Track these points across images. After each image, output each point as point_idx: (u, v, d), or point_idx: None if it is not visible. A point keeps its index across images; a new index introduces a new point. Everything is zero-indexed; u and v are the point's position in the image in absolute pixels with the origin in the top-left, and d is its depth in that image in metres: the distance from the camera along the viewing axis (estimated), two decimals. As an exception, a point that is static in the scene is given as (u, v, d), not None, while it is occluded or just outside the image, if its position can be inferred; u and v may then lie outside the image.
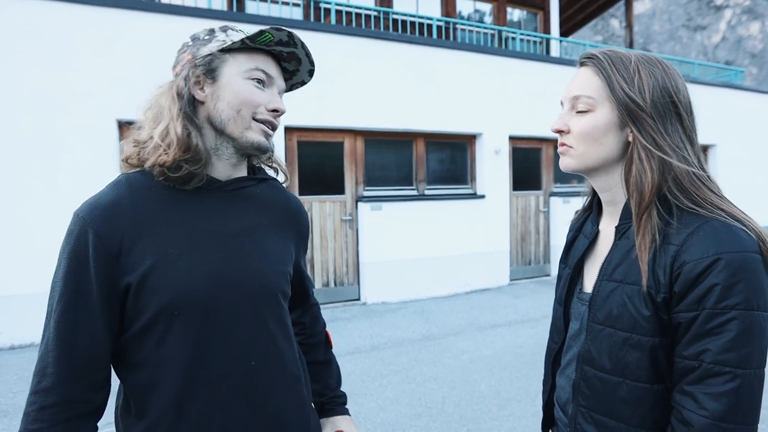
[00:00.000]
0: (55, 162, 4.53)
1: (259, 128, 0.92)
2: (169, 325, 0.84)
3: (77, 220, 0.83)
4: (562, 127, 0.89)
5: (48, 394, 0.79)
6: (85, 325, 0.81)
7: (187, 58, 0.92)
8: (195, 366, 0.85)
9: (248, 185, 0.98)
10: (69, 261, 0.82)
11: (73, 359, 0.80)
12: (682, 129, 0.83)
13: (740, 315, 0.70)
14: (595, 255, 0.94)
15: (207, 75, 0.90)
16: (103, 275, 0.82)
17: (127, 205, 0.85)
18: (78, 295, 0.81)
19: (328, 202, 5.95)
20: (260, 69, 0.91)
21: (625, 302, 0.80)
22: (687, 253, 0.74)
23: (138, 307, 0.84)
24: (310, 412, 1.05)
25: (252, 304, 0.91)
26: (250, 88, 0.90)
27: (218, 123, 0.90)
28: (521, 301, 6.11)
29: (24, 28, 4.43)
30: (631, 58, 0.85)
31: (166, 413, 0.85)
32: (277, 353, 0.94)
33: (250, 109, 0.90)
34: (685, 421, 0.73)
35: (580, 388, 0.88)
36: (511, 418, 3.06)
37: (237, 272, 0.89)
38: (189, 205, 0.89)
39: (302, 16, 7.17)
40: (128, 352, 0.86)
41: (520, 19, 9.87)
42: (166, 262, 0.84)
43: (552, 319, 1.05)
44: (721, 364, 0.70)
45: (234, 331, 0.88)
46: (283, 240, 1.02)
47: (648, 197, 0.80)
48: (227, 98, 0.89)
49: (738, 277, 0.70)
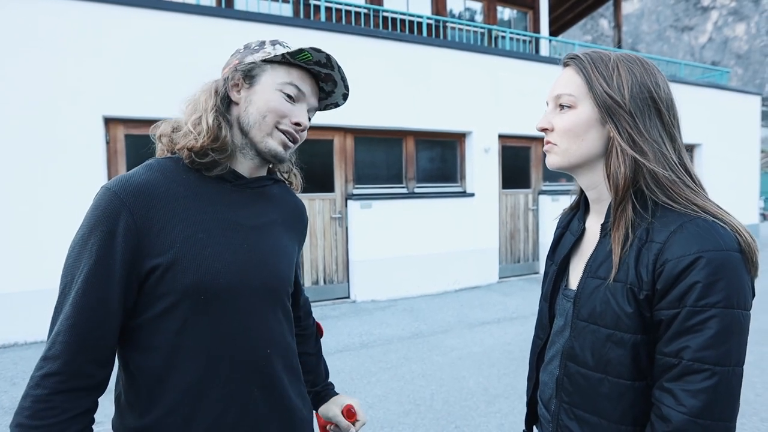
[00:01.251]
0: (42, 158, 4.47)
1: (279, 138, 0.97)
2: (194, 308, 0.86)
3: (109, 194, 0.84)
4: (546, 125, 0.91)
5: (54, 362, 0.79)
6: (103, 298, 0.82)
7: (234, 62, 0.99)
8: (216, 351, 0.88)
9: (268, 184, 1.05)
10: (96, 233, 0.82)
11: (85, 330, 0.80)
12: (661, 125, 0.84)
13: (720, 313, 0.71)
14: (581, 252, 0.95)
15: (245, 80, 0.97)
16: (129, 253, 0.83)
17: (160, 187, 0.88)
18: (101, 269, 0.81)
19: (317, 200, 5.94)
20: (294, 84, 0.97)
21: (608, 299, 0.81)
22: (669, 251, 0.75)
23: (161, 290, 0.85)
24: (309, 406, 1.09)
25: (268, 296, 0.96)
26: (280, 99, 0.96)
27: (245, 125, 0.96)
28: (510, 298, 6.14)
29: (10, 24, 4.36)
30: (611, 56, 0.87)
31: (184, 398, 0.86)
32: (286, 344, 1.00)
33: (274, 117, 0.95)
34: (664, 417, 0.74)
35: (563, 385, 0.88)
36: (498, 415, 3.08)
37: (258, 264, 0.94)
38: (217, 195, 0.94)
39: (291, 12, 7.13)
40: (142, 335, 0.87)
41: (510, 18, 9.90)
42: (195, 246, 0.87)
43: (537, 315, 1.06)
44: (699, 362, 0.71)
45: (252, 320, 0.92)
46: (291, 239, 1.08)
47: (622, 191, 0.82)
48: (257, 104, 0.95)
49: (719, 275, 0.71)
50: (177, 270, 0.85)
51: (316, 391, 1.22)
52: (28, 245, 4.38)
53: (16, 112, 4.40)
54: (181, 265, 0.85)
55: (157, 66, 4.84)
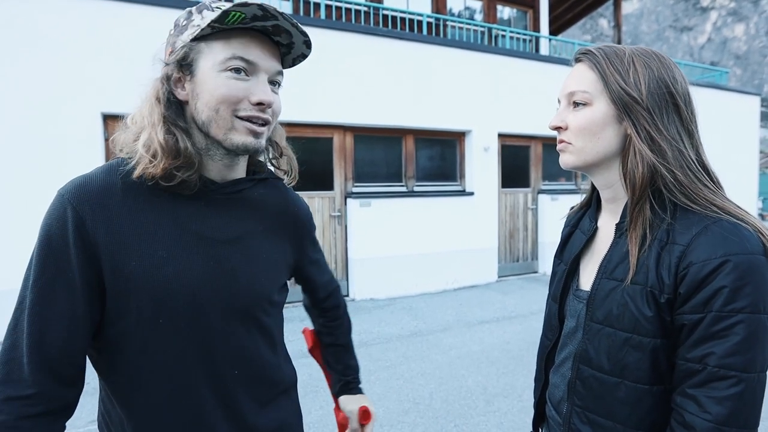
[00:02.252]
0: (41, 155, 4.43)
1: (243, 127, 0.81)
2: (152, 330, 0.79)
3: (60, 200, 0.77)
4: (559, 123, 0.88)
5: (17, 385, 0.71)
6: (62, 312, 0.74)
7: (168, 51, 0.83)
8: (179, 372, 0.82)
9: (245, 187, 0.92)
10: (48, 244, 0.75)
11: (47, 348, 0.73)
12: (679, 120, 0.81)
13: (747, 318, 0.69)
14: (593, 252, 0.93)
15: (184, 71, 0.81)
16: (85, 262, 0.75)
17: (117, 195, 0.78)
18: (56, 281, 0.74)
19: (317, 198, 5.92)
20: (237, 56, 0.79)
21: (626, 302, 0.79)
22: (694, 254, 0.72)
23: (117, 310, 0.78)
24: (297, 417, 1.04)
25: (237, 314, 0.87)
26: (226, 82, 0.79)
27: (201, 125, 0.82)
28: (509, 297, 6.14)
29: (9, 22, 4.32)
30: (625, 51, 0.84)
31: (147, 419, 0.82)
32: (261, 362, 0.92)
33: (229, 107, 0.80)
34: (687, 424, 0.72)
35: (576, 387, 0.87)
36: (498, 414, 3.07)
37: (224, 282, 0.85)
38: (181, 206, 0.83)
39: (291, 10, 7.10)
40: (107, 355, 0.82)
41: (510, 16, 9.88)
42: (153, 265, 0.78)
43: (545, 315, 1.04)
44: (726, 368, 0.69)
45: (216, 340, 0.84)
46: (277, 246, 0.97)
47: (639, 191, 0.79)
48: (204, 97, 0.80)
49: (746, 279, 0.69)
50: (132, 292, 0.77)
51: (346, 380, 1.20)
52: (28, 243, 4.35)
53: (15, 109, 4.36)
54: (136, 286, 0.77)
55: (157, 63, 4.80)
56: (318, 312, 1.22)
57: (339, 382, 1.20)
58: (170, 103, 0.81)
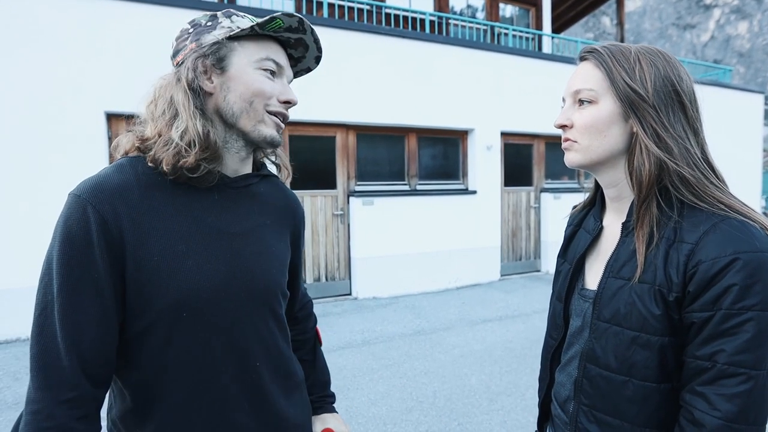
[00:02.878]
0: (44, 154, 4.45)
1: (272, 121, 0.88)
2: (175, 324, 0.80)
3: (78, 201, 0.76)
4: (564, 121, 0.88)
5: (63, 389, 0.72)
6: (93, 314, 0.75)
7: (191, 47, 0.86)
8: (203, 367, 0.83)
9: (253, 182, 0.95)
10: (71, 246, 0.74)
11: (82, 351, 0.74)
12: (685, 119, 0.82)
13: (757, 316, 0.69)
14: (599, 251, 0.92)
15: (216, 65, 0.85)
16: (110, 261, 0.76)
17: (134, 192, 0.80)
18: (84, 283, 0.75)
19: (319, 197, 5.92)
20: (271, 59, 0.87)
21: (633, 300, 0.79)
22: (703, 252, 0.73)
23: (141, 305, 0.79)
24: (307, 409, 1.05)
25: (255, 305, 0.89)
26: (262, 78, 0.86)
27: (229, 116, 0.86)
28: (512, 296, 6.14)
29: (11, 20, 4.33)
30: (631, 49, 0.84)
31: (173, 417, 0.82)
32: (278, 353, 0.94)
33: (263, 100, 0.86)
34: (697, 421, 0.72)
35: (583, 386, 0.87)
36: (501, 412, 3.07)
37: (242, 273, 0.87)
38: (197, 200, 0.85)
39: (294, 8, 7.10)
40: (128, 353, 0.82)
41: (512, 15, 9.87)
42: (174, 259, 0.80)
43: (550, 315, 1.04)
44: (736, 365, 0.69)
45: (239, 332, 0.86)
46: (282, 239, 1.00)
47: (646, 189, 0.80)
48: (239, 90, 0.85)
49: (756, 277, 0.69)
50: (155, 287, 0.78)
51: (310, 400, 1.12)
52: (30, 241, 4.36)
53: (17, 108, 4.37)
54: (159, 281, 0.78)
55: (160, 61, 4.79)
56: (291, 323, 1.13)
57: None
58: (197, 94, 0.84)
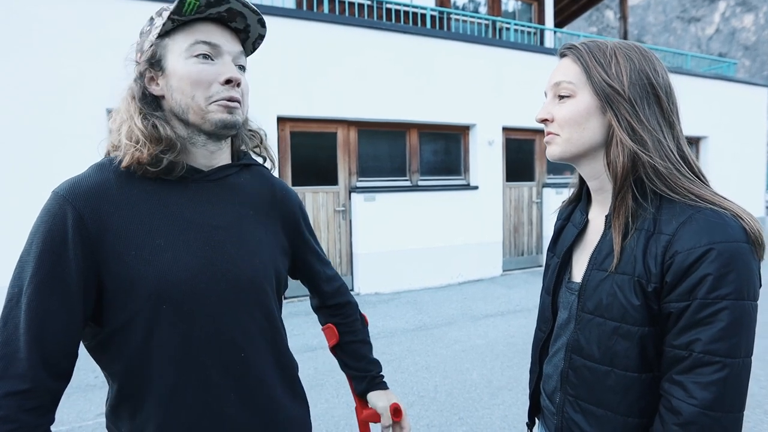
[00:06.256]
0: (45, 151, 4.47)
1: (217, 107, 0.86)
2: (155, 317, 0.81)
3: (57, 198, 0.78)
4: (545, 115, 0.90)
5: (15, 381, 0.73)
6: (59, 308, 0.77)
7: (137, 57, 0.90)
8: (186, 359, 0.84)
9: (231, 173, 0.95)
10: (45, 241, 0.77)
11: (45, 343, 0.75)
12: (660, 112, 0.83)
13: (731, 305, 0.70)
14: (585, 244, 0.94)
15: (155, 68, 0.86)
16: (83, 259, 0.78)
17: (113, 190, 0.82)
18: (53, 277, 0.76)
19: (321, 193, 5.94)
20: (200, 41, 0.85)
21: (615, 292, 0.80)
22: (679, 243, 0.74)
23: (120, 301, 0.81)
24: (303, 402, 1.05)
25: (238, 296, 0.89)
26: (195, 66, 0.84)
27: (181, 114, 0.87)
28: (514, 291, 6.14)
29: (11, 17, 4.35)
30: (608, 45, 0.86)
31: (158, 406, 0.83)
32: (265, 344, 0.94)
33: (203, 92, 0.85)
34: (674, 409, 0.73)
35: (568, 377, 0.88)
36: (502, 407, 3.09)
37: (223, 264, 0.88)
38: (173, 196, 0.87)
39: (294, 4, 7.09)
40: (113, 345, 0.83)
41: (514, 9, 9.82)
42: (152, 253, 0.81)
43: (539, 308, 1.06)
44: (711, 354, 0.71)
45: (221, 323, 0.87)
46: (269, 230, 0.99)
47: (621, 180, 0.82)
48: (180, 86, 0.85)
49: (730, 267, 0.70)
50: (134, 280, 0.80)
51: (372, 376, 1.15)
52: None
53: (18, 105, 4.40)
54: (138, 274, 0.80)
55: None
56: (329, 311, 1.19)
57: (364, 378, 1.16)
58: (145, 99, 0.87)
